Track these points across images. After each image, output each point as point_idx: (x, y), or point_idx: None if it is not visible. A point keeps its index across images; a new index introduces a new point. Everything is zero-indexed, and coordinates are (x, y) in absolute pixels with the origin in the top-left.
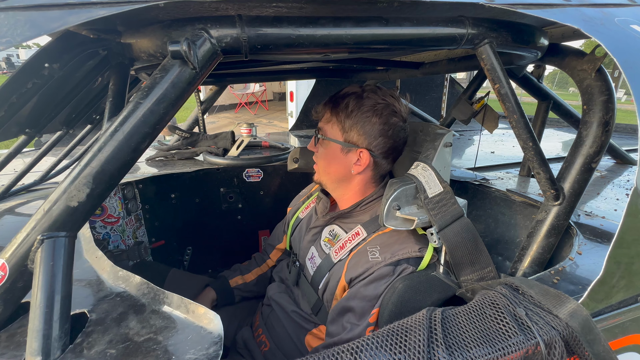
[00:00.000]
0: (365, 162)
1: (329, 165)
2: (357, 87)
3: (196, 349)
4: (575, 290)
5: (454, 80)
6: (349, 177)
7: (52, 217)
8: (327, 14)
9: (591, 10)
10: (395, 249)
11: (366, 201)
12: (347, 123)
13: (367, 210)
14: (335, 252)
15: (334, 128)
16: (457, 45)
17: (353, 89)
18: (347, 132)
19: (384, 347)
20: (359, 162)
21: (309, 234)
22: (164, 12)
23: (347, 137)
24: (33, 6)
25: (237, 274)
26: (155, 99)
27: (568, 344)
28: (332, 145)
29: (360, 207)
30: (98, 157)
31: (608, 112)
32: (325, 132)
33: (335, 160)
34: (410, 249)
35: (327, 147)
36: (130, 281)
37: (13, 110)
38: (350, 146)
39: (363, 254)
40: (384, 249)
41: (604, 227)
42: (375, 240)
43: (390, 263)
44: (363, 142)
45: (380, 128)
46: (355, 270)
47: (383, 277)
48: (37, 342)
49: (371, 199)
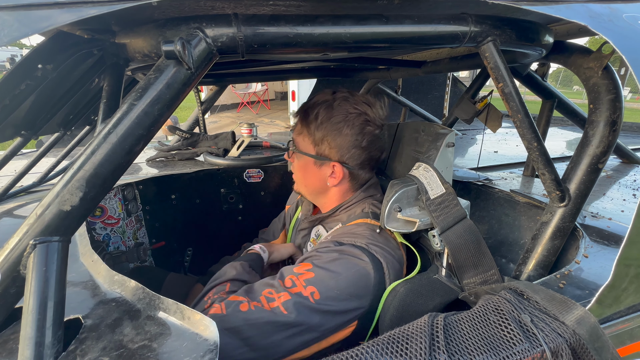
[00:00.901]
0: (340, 175)
1: (304, 178)
2: (328, 94)
3: (191, 356)
4: (582, 295)
5: (456, 79)
6: (326, 189)
7: (45, 221)
8: (326, 12)
9: (598, 6)
10: (345, 236)
11: (345, 205)
12: (317, 135)
13: (346, 212)
14: None
15: (306, 140)
16: (460, 43)
17: (323, 97)
18: (319, 145)
19: (385, 354)
20: (333, 174)
21: (299, 236)
22: (158, 11)
23: (319, 150)
24: (21, 5)
25: None
26: (150, 101)
27: (575, 352)
28: (305, 158)
29: (340, 210)
30: (91, 160)
31: (615, 111)
32: (298, 144)
33: (310, 173)
34: (359, 239)
35: (301, 160)
36: (126, 286)
37: (7, 112)
38: (322, 159)
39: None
40: (336, 235)
41: (611, 228)
42: (338, 230)
43: (335, 241)
44: (335, 155)
45: (353, 139)
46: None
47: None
48: (30, 349)
49: (350, 203)
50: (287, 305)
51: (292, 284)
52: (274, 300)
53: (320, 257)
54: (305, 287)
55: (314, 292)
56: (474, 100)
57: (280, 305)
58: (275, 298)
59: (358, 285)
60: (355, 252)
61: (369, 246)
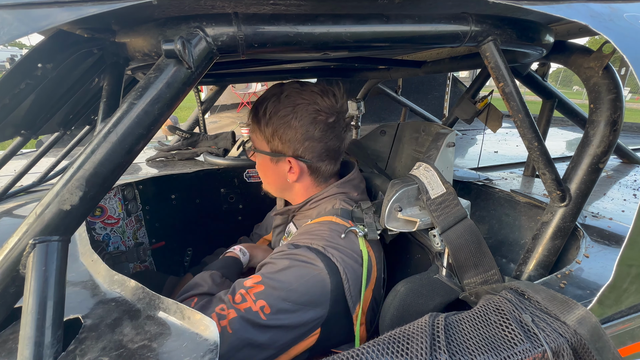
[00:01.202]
0: (297, 170)
1: (266, 176)
2: (277, 87)
3: (191, 356)
4: (583, 295)
5: (456, 79)
6: (289, 186)
7: (44, 221)
8: (326, 12)
9: (599, 5)
10: (304, 236)
11: (315, 198)
12: (267, 131)
13: (316, 208)
14: None
15: (259, 138)
16: (460, 42)
17: (272, 91)
18: (271, 142)
19: (385, 354)
20: (292, 170)
21: (274, 234)
22: (158, 9)
23: (272, 146)
24: (21, 4)
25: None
26: (150, 100)
27: (576, 352)
28: (262, 156)
29: (310, 204)
30: (91, 159)
31: (616, 111)
32: (254, 142)
33: (269, 171)
34: (316, 241)
35: (259, 158)
36: (126, 285)
37: (6, 111)
38: (277, 155)
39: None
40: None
41: (612, 228)
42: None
43: (291, 243)
44: (289, 150)
45: (304, 131)
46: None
47: (278, 252)
48: (29, 349)
49: (322, 196)
50: (234, 324)
51: (242, 299)
52: (224, 317)
53: (272, 266)
54: (255, 301)
55: (264, 307)
56: (474, 100)
57: (227, 325)
58: (225, 315)
59: (312, 294)
60: (309, 257)
61: (326, 249)
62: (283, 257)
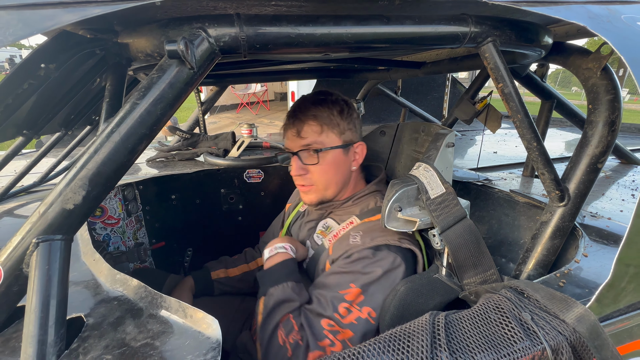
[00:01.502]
0: (363, 152)
1: (335, 175)
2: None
3: (194, 354)
4: (582, 293)
5: (455, 80)
6: (349, 176)
7: (48, 220)
8: (327, 13)
9: (597, 7)
10: (375, 234)
11: (358, 195)
12: (341, 125)
13: (359, 204)
14: (329, 241)
15: (330, 136)
16: (460, 43)
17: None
18: (344, 134)
19: (387, 352)
20: (356, 156)
21: (305, 228)
22: (161, 10)
23: (345, 137)
24: (26, 5)
25: (222, 267)
26: (152, 100)
27: (575, 350)
28: (333, 153)
29: (353, 201)
30: (94, 158)
31: (614, 112)
32: (323, 143)
33: (340, 165)
34: (390, 237)
35: (328, 156)
36: (128, 284)
37: (9, 111)
38: (349, 145)
39: (345, 238)
40: (365, 235)
41: (610, 228)
42: (359, 227)
43: (370, 247)
44: (357, 137)
45: (356, 118)
46: (336, 252)
47: (362, 259)
48: (32, 347)
49: (363, 193)
50: (352, 339)
51: (348, 312)
52: (337, 332)
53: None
54: (360, 309)
55: (370, 312)
56: (473, 101)
57: (346, 340)
58: (339, 330)
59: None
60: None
61: (401, 241)
62: (373, 265)
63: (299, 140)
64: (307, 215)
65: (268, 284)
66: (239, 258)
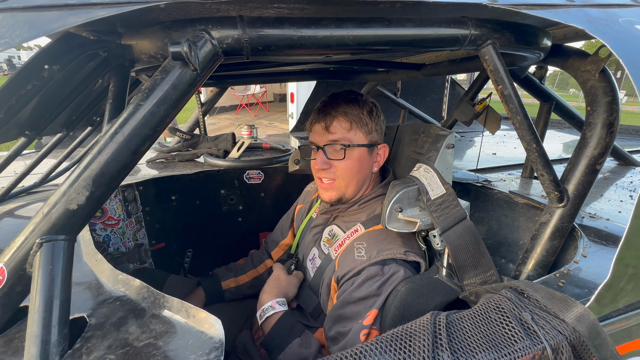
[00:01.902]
0: (385, 154)
1: (358, 172)
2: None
3: (197, 354)
4: (582, 293)
5: (454, 82)
6: (369, 177)
7: (51, 220)
8: (329, 15)
9: (595, 10)
10: (381, 247)
11: (364, 199)
12: (370, 124)
13: (365, 210)
14: (335, 250)
15: (358, 135)
16: (460, 46)
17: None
18: (371, 133)
19: (388, 352)
20: (378, 157)
21: (310, 234)
22: (165, 13)
23: (371, 138)
24: (32, 7)
25: (231, 276)
26: (156, 101)
27: (575, 349)
28: (359, 150)
29: (359, 205)
30: (98, 159)
31: (612, 113)
32: (350, 140)
33: (364, 164)
34: (396, 250)
35: (354, 153)
36: (130, 285)
37: (12, 112)
38: (374, 146)
39: (350, 251)
40: (370, 246)
41: (609, 229)
42: (364, 236)
43: (376, 262)
44: (381, 139)
45: (383, 121)
46: (342, 268)
47: (372, 277)
48: (36, 347)
49: (369, 197)
50: None
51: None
52: None
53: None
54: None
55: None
56: (473, 102)
57: None
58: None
59: None
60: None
61: (407, 254)
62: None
63: (326, 135)
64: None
65: (275, 351)
66: (247, 263)
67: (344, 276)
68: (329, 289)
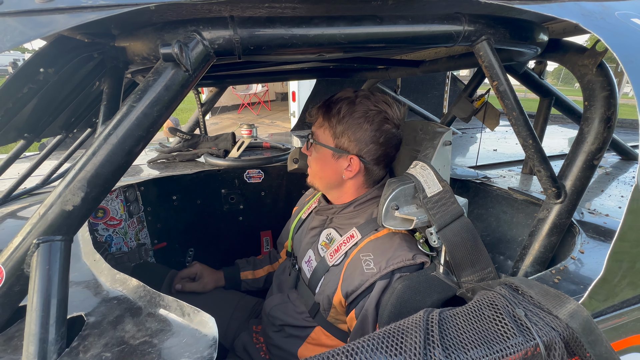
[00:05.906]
0: (356, 168)
1: (321, 170)
2: (350, 92)
3: (191, 351)
4: (577, 290)
5: (455, 78)
6: (341, 182)
7: (48, 221)
8: (321, 14)
9: (590, 4)
10: (389, 257)
11: (360, 201)
12: (338, 129)
13: (362, 213)
14: (330, 255)
15: (326, 133)
16: (454, 42)
17: (346, 94)
18: (339, 138)
19: (380, 349)
20: (350, 167)
21: (308, 235)
22: (156, 14)
23: (338, 142)
24: (23, 11)
25: (249, 269)
26: (149, 102)
27: (568, 345)
28: (324, 150)
29: (354, 207)
30: (92, 161)
31: (610, 108)
32: (317, 136)
33: (327, 165)
34: (404, 256)
35: (319, 152)
36: (128, 284)
37: (10, 115)
38: (341, 152)
39: (357, 264)
40: (377, 257)
41: (608, 224)
42: (368, 246)
43: (386, 275)
44: (354, 149)
45: (372, 135)
46: (350, 282)
47: (383, 290)
48: (34, 345)
49: (365, 199)
50: None
51: None
52: None
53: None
54: None
55: None
56: (471, 98)
57: None
58: None
59: None
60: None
61: (415, 258)
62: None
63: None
64: (310, 221)
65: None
66: (265, 258)
67: (354, 291)
68: (331, 299)
